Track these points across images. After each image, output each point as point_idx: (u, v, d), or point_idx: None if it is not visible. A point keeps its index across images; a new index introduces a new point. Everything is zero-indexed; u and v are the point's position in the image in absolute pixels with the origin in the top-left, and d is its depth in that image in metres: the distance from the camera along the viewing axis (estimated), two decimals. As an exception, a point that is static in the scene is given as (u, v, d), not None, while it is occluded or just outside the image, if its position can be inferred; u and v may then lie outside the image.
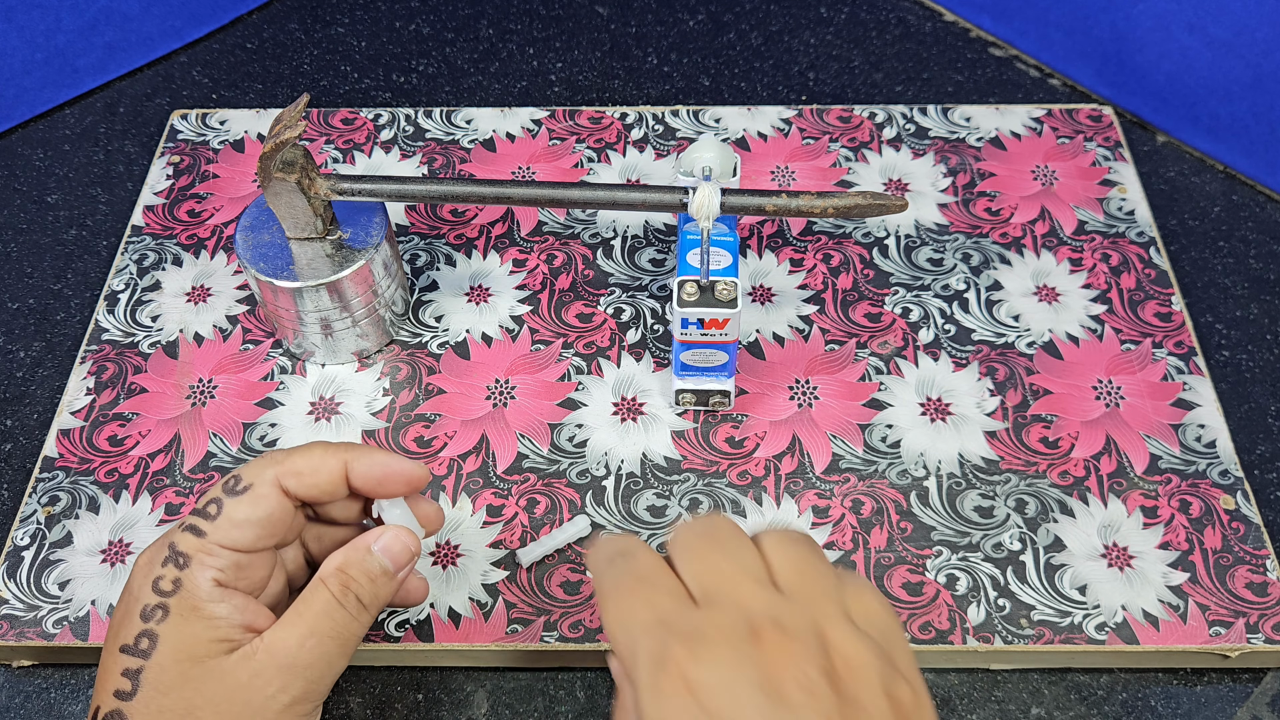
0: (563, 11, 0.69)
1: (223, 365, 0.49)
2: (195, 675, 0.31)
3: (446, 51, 0.66)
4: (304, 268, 0.45)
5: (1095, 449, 0.46)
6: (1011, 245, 0.53)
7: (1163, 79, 0.60)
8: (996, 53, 0.65)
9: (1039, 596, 0.42)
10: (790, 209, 0.44)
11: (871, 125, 0.59)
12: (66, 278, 0.55)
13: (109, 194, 0.59)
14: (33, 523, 0.44)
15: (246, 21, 0.68)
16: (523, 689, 0.42)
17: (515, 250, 0.54)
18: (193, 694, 0.31)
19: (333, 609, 0.33)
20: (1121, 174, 0.56)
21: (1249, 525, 0.44)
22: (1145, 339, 0.50)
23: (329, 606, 0.33)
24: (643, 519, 0.44)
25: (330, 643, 0.32)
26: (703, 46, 0.66)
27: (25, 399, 0.50)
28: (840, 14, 0.68)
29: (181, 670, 0.31)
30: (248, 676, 0.31)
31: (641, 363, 0.49)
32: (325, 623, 0.32)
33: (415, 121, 0.59)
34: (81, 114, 0.63)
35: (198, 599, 0.32)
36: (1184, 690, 0.42)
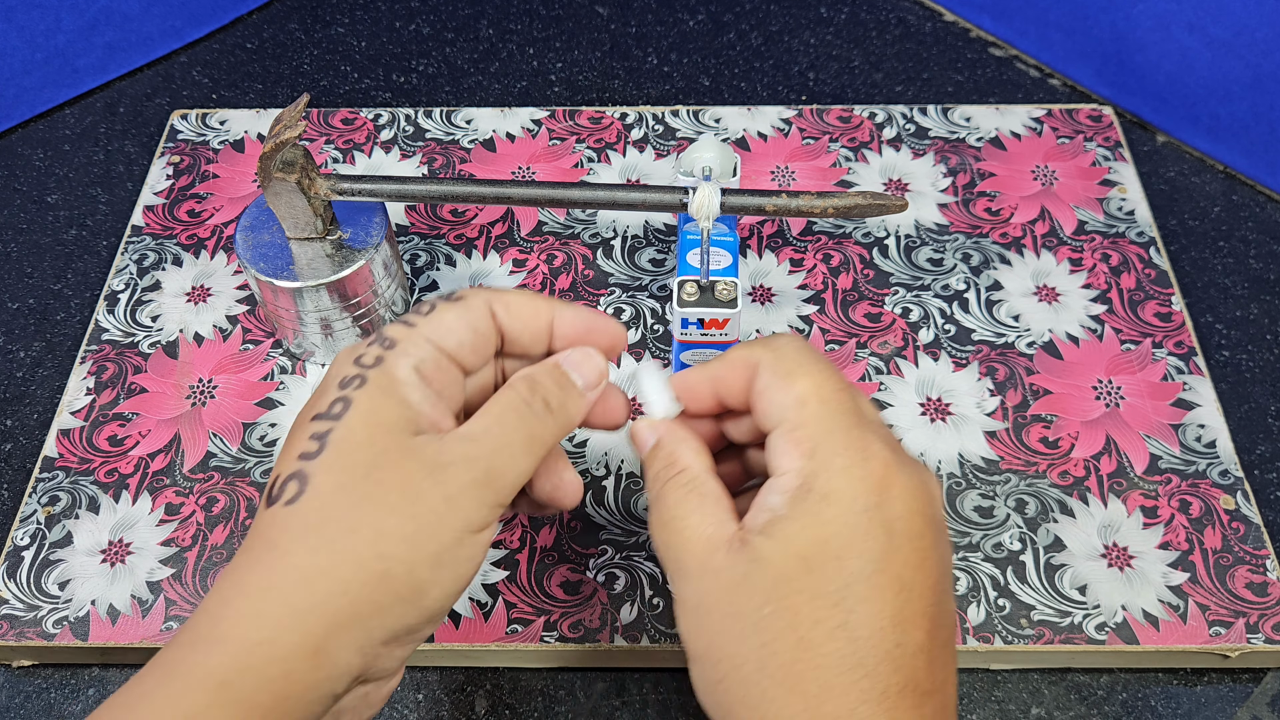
0: (563, 11, 0.69)
1: (223, 365, 0.49)
2: (381, 440, 0.29)
3: (446, 51, 0.66)
4: (304, 268, 0.45)
5: (1095, 449, 0.46)
6: (1011, 245, 0.53)
7: (1163, 79, 0.60)
8: (996, 53, 0.65)
9: (1039, 596, 0.42)
10: (790, 209, 0.44)
11: (871, 125, 0.59)
12: (66, 278, 0.55)
13: (109, 194, 0.59)
14: (33, 523, 0.45)
15: (246, 21, 0.68)
16: (523, 689, 0.42)
17: (515, 250, 0.54)
18: (376, 455, 0.29)
19: (518, 405, 0.31)
20: (1121, 174, 0.56)
21: (1249, 525, 0.44)
22: (1145, 339, 0.50)
23: (515, 402, 0.31)
24: (643, 519, 0.44)
25: (515, 434, 0.31)
26: (703, 46, 0.66)
27: (25, 399, 0.50)
28: (840, 14, 0.68)
29: (369, 434, 0.29)
30: (432, 451, 0.29)
31: (641, 363, 0.49)
32: (510, 416, 0.31)
33: (415, 121, 0.59)
34: (81, 114, 0.63)
35: (395, 379, 0.30)
36: (1184, 690, 0.42)
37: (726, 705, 0.29)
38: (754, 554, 0.28)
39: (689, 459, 0.32)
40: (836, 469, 0.28)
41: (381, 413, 0.29)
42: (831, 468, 0.29)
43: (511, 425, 0.31)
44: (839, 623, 0.27)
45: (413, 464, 0.29)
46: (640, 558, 0.43)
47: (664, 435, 0.33)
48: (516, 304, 0.33)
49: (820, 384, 0.30)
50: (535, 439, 0.31)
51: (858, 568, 0.28)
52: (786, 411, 0.30)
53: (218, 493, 0.45)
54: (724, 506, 0.31)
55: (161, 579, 0.43)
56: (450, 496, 0.29)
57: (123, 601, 0.42)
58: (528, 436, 0.31)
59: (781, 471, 0.29)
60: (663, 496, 0.31)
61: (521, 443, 0.31)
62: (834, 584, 0.28)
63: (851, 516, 0.28)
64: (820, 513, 0.28)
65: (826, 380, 0.30)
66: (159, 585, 0.43)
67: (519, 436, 0.31)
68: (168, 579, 0.43)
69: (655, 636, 0.41)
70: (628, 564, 0.43)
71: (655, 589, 0.42)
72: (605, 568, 0.43)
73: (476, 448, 0.30)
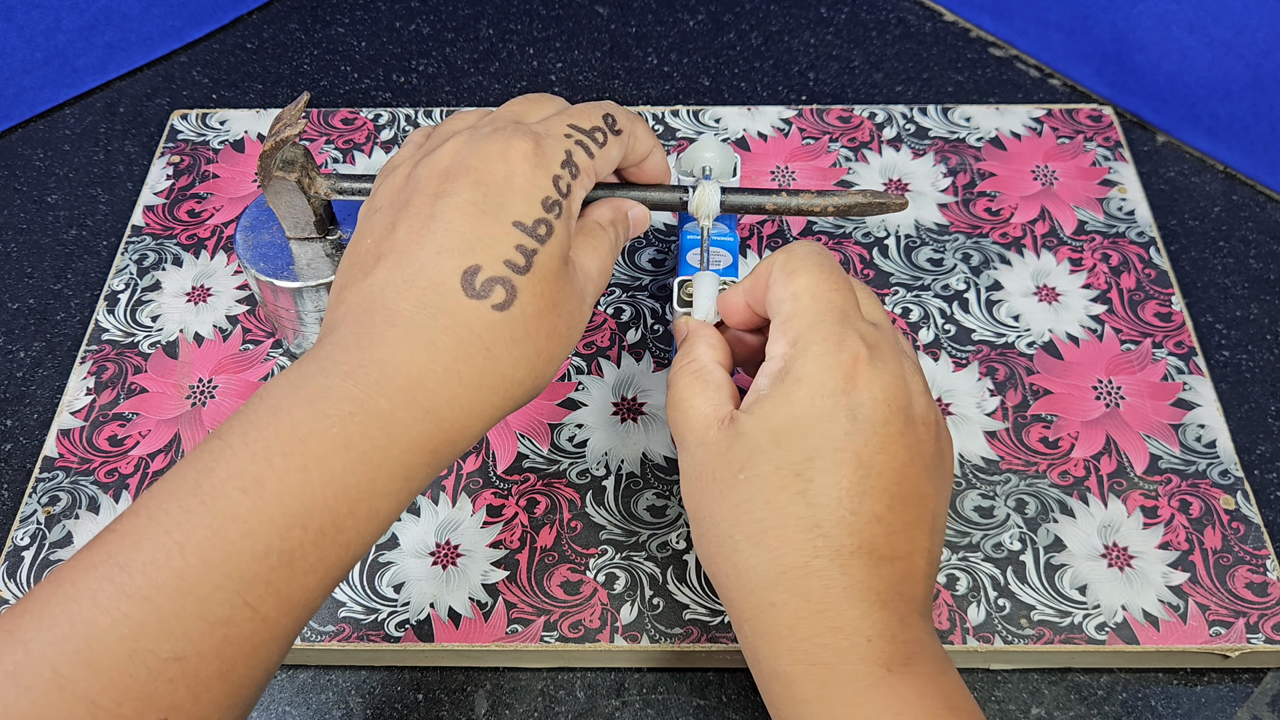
0: (563, 11, 0.69)
1: (223, 365, 0.49)
2: (564, 274, 0.34)
3: (446, 51, 0.66)
4: (304, 268, 0.45)
5: (1095, 449, 0.46)
6: (1011, 245, 0.53)
7: (1163, 79, 0.60)
8: (996, 53, 0.65)
9: (1039, 596, 0.42)
10: (790, 208, 0.44)
11: (871, 125, 0.59)
12: (66, 278, 0.55)
13: (109, 194, 0.59)
14: (33, 523, 0.44)
15: (246, 21, 0.68)
16: (523, 689, 0.42)
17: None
18: (559, 290, 0.33)
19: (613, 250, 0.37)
20: (1121, 174, 0.56)
21: (1249, 525, 0.44)
22: (1145, 339, 0.50)
23: (612, 249, 0.37)
24: (643, 519, 0.44)
25: (607, 273, 0.37)
26: (703, 46, 0.66)
27: (25, 399, 0.50)
28: (840, 14, 0.68)
29: (558, 266, 0.33)
30: (579, 287, 0.35)
31: (641, 363, 0.49)
32: (608, 259, 0.37)
33: (415, 121, 0.59)
34: (81, 114, 0.63)
35: (572, 212, 0.34)
36: (1184, 690, 0.42)
37: (709, 555, 0.33)
38: (737, 429, 0.32)
39: (701, 351, 0.36)
40: (811, 356, 0.32)
41: (565, 246, 0.34)
42: (807, 355, 0.32)
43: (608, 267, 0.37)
44: (799, 490, 0.31)
45: (576, 303, 0.34)
46: (640, 558, 0.43)
47: (691, 331, 0.38)
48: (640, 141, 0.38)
49: (816, 281, 0.33)
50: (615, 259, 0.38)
51: (819, 444, 0.31)
52: (783, 304, 0.34)
53: (218, 493, 0.45)
54: (725, 393, 0.35)
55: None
56: (581, 330, 0.35)
57: (122, 601, 0.42)
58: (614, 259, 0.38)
59: (770, 357, 0.33)
60: (674, 381, 0.36)
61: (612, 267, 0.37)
62: (798, 456, 0.31)
63: (818, 399, 0.31)
64: (792, 394, 0.32)
65: (823, 279, 0.34)
66: (159, 585, 0.43)
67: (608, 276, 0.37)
68: (168, 579, 0.43)
69: (655, 636, 0.41)
70: (628, 564, 0.43)
71: (655, 589, 0.42)
72: (605, 568, 0.43)
73: (597, 287, 0.36)
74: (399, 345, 0.30)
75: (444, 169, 0.33)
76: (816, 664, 0.30)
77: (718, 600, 0.42)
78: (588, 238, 0.36)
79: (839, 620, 0.30)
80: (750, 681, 0.42)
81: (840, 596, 0.30)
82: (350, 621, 0.42)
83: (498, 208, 0.32)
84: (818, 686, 0.30)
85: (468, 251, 0.31)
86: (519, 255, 0.32)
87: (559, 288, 0.33)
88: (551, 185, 0.33)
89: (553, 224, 0.33)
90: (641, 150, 0.38)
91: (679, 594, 0.42)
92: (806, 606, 0.30)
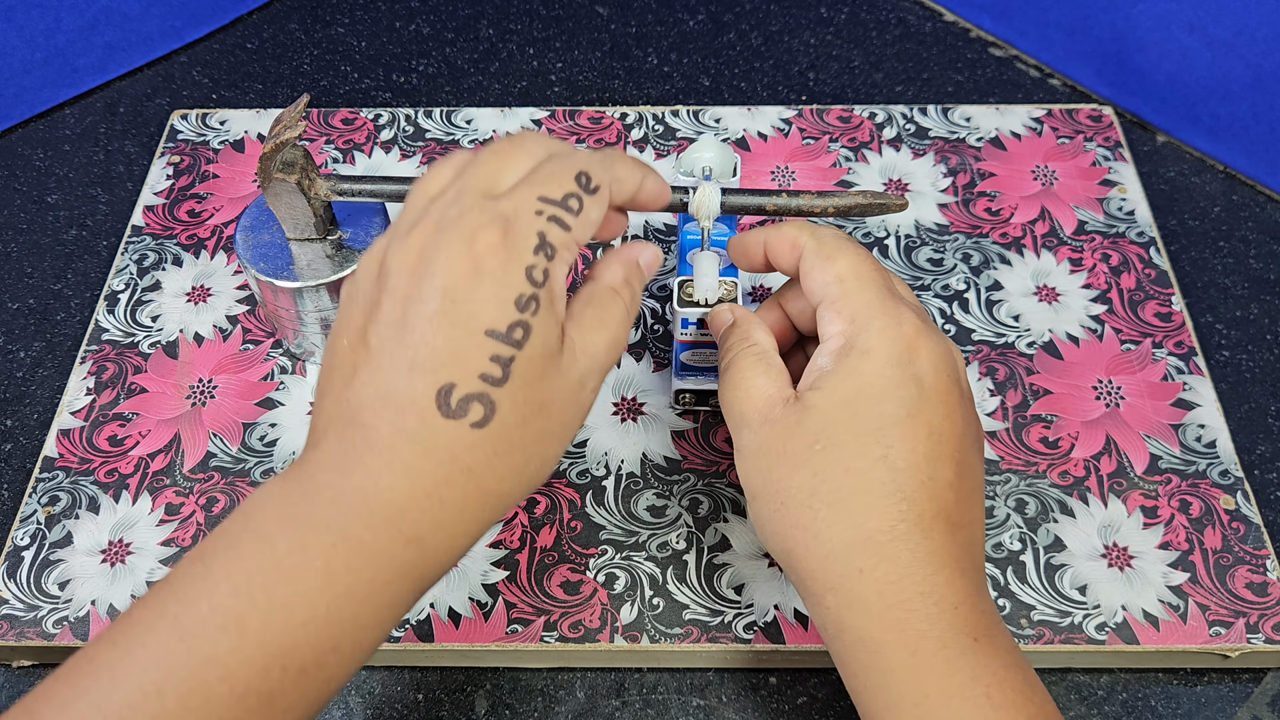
0: (563, 11, 0.69)
1: (223, 365, 0.49)
2: (550, 370, 0.31)
3: (446, 51, 0.66)
4: (304, 268, 0.45)
5: (1095, 449, 0.46)
6: (1011, 245, 0.53)
7: (1163, 79, 0.60)
8: (996, 53, 0.65)
9: (1039, 596, 0.42)
10: (790, 208, 0.44)
11: (871, 125, 0.59)
12: (66, 278, 0.55)
13: (109, 194, 0.59)
14: (33, 523, 0.45)
15: (246, 21, 0.68)
16: (523, 689, 0.42)
17: (515, 250, 0.53)
18: (547, 390, 0.31)
19: (626, 318, 0.34)
20: (1121, 174, 0.56)
21: (1249, 525, 0.44)
22: (1145, 339, 0.50)
23: (625, 316, 0.34)
24: (643, 519, 0.44)
25: (621, 346, 0.34)
26: (703, 46, 0.66)
27: (25, 399, 0.50)
28: (840, 14, 0.68)
29: (543, 364, 0.31)
30: (576, 378, 0.32)
31: (641, 363, 0.49)
32: (621, 330, 0.34)
33: (415, 121, 0.59)
34: (81, 114, 0.63)
35: (555, 294, 0.31)
36: (1184, 690, 0.42)
37: (784, 529, 0.33)
38: (805, 405, 0.33)
39: (761, 336, 0.37)
40: (874, 330, 0.33)
41: (549, 340, 0.31)
42: (870, 329, 0.33)
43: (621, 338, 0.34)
44: (880, 455, 0.32)
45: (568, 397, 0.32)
46: (640, 558, 0.43)
47: (740, 316, 0.38)
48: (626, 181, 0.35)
49: (856, 263, 0.34)
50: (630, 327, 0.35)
51: (894, 410, 0.32)
52: (828, 288, 0.34)
53: (218, 493, 0.45)
54: (786, 377, 0.35)
55: (161, 579, 0.43)
56: (584, 415, 0.33)
57: (123, 602, 0.42)
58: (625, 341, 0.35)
59: (827, 337, 0.34)
60: (737, 363, 0.36)
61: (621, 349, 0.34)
62: (875, 423, 0.32)
63: (888, 369, 0.32)
64: (860, 366, 0.33)
65: (861, 261, 0.35)
66: (159, 585, 0.43)
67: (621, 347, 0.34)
68: (168, 579, 0.43)
69: (655, 636, 0.41)
70: (628, 564, 0.43)
71: (655, 589, 0.42)
72: (605, 568, 0.43)
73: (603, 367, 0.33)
74: (379, 472, 0.29)
75: (411, 266, 0.31)
76: (907, 630, 0.30)
77: (718, 600, 0.42)
78: (595, 309, 0.33)
79: (926, 585, 0.30)
80: (750, 681, 0.42)
81: (925, 561, 0.31)
82: (350, 622, 0.42)
83: (468, 318, 0.30)
84: (909, 654, 0.30)
85: (440, 369, 0.29)
86: (494, 366, 0.30)
87: (545, 388, 0.31)
88: (524, 280, 0.30)
89: (529, 323, 0.30)
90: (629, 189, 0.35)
91: (679, 594, 0.42)
92: (895, 570, 0.31)
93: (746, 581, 0.42)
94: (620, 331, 0.34)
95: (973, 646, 0.30)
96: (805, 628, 0.41)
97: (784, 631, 0.41)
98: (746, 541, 0.43)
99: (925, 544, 0.31)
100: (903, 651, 0.30)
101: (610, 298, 0.34)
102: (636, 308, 0.35)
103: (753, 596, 0.42)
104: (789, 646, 0.41)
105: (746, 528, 0.44)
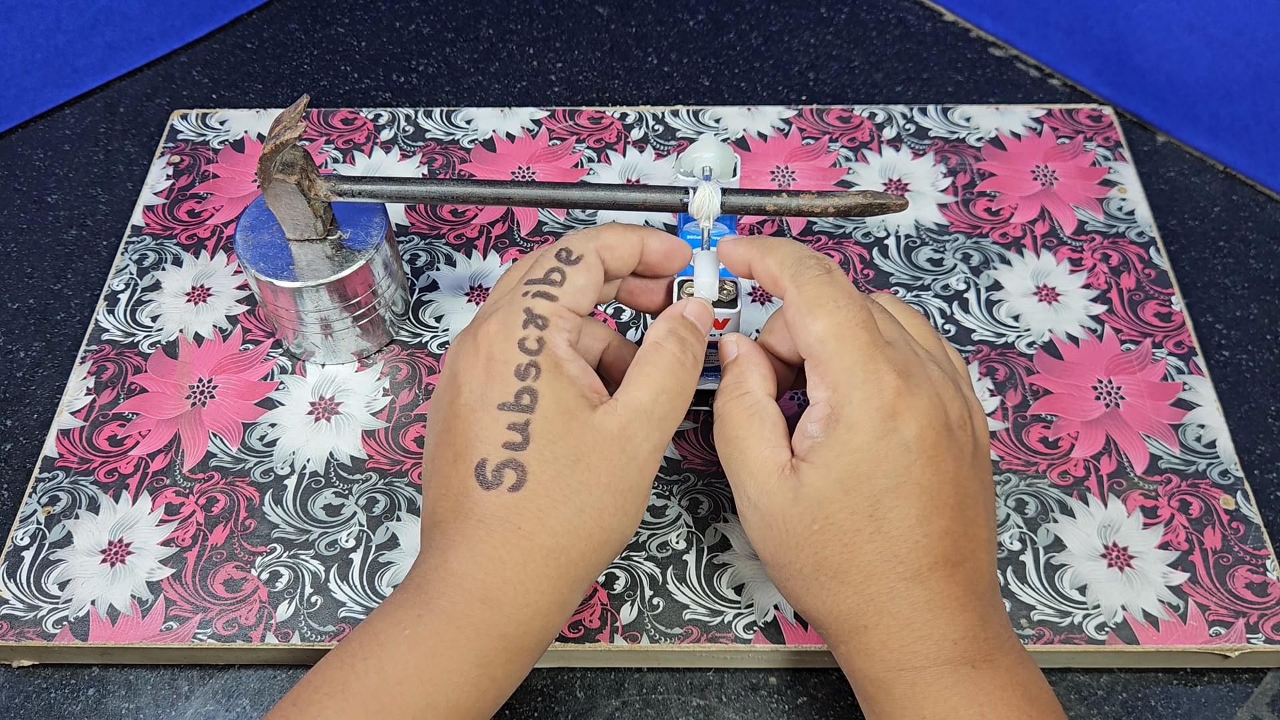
0: (563, 11, 0.69)
1: (223, 365, 0.49)
2: (574, 427, 0.34)
3: (446, 51, 0.66)
4: (304, 268, 0.45)
5: (1095, 449, 0.46)
6: (1011, 245, 0.53)
7: (1163, 79, 0.60)
8: (996, 53, 0.65)
9: (1039, 596, 0.42)
10: (790, 209, 0.44)
11: (871, 125, 0.59)
12: (66, 278, 0.55)
13: (109, 194, 0.59)
14: (33, 523, 0.45)
15: (246, 21, 0.68)
16: (523, 689, 0.42)
17: (515, 250, 0.54)
18: (576, 442, 0.33)
19: (676, 365, 0.36)
20: (1121, 174, 0.56)
21: (1249, 525, 0.44)
22: (1145, 339, 0.50)
23: (673, 364, 0.36)
24: (642, 519, 0.44)
25: (677, 397, 0.35)
26: (703, 46, 0.66)
27: (25, 399, 0.50)
28: (840, 14, 0.68)
29: (563, 422, 0.34)
30: (618, 428, 0.34)
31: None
32: (672, 379, 0.35)
33: (415, 121, 0.59)
34: (81, 114, 0.63)
35: (559, 359, 0.34)
36: (1184, 690, 0.42)
37: (795, 595, 0.35)
38: (800, 479, 0.34)
39: (754, 384, 0.37)
40: (856, 401, 0.33)
41: (564, 398, 0.34)
42: (851, 401, 0.33)
43: (674, 388, 0.35)
44: (874, 530, 0.33)
45: (608, 446, 0.34)
46: (640, 558, 0.43)
47: (741, 355, 0.38)
48: (618, 246, 0.37)
49: (838, 322, 0.34)
50: (689, 392, 0.36)
51: (884, 484, 0.33)
52: (811, 348, 0.34)
53: (218, 493, 0.45)
54: (779, 431, 0.35)
55: (161, 579, 0.43)
56: (642, 467, 0.35)
57: (123, 601, 0.42)
58: (685, 393, 0.36)
59: (814, 402, 0.34)
60: (728, 415, 0.36)
61: (682, 401, 0.36)
62: (867, 500, 0.33)
63: (873, 442, 0.33)
64: (848, 441, 0.33)
65: (844, 318, 0.34)
66: (159, 585, 0.43)
67: (680, 398, 0.36)
68: (168, 579, 0.43)
69: (655, 636, 0.41)
70: (627, 564, 0.43)
71: (655, 589, 0.42)
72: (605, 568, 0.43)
73: (650, 416, 0.35)
74: (448, 550, 0.33)
75: (449, 377, 0.36)
76: (907, 668, 0.33)
77: (718, 600, 0.42)
78: (638, 365, 0.35)
79: (925, 630, 0.33)
80: (750, 681, 0.42)
81: (924, 609, 0.33)
82: (350, 621, 0.42)
83: (483, 401, 0.34)
84: (908, 686, 0.33)
85: (472, 450, 0.34)
86: (513, 434, 0.33)
87: (574, 443, 0.33)
88: (518, 351, 0.34)
89: (534, 388, 0.34)
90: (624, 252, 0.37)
91: (679, 594, 0.42)
92: (895, 623, 0.33)
93: (746, 581, 0.42)
94: (668, 380, 0.35)
95: (970, 674, 0.32)
96: (805, 628, 0.41)
97: (784, 631, 0.41)
98: (746, 541, 0.43)
99: (924, 595, 0.33)
100: (903, 685, 0.33)
101: (653, 351, 0.36)
102: (689, 356, 0.36)
103: (753, 596, 0.42)
104: (789, 646, 0.41)
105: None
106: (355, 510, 0.45)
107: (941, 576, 0.33)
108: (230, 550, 0.44)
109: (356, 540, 0.44)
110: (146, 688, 0.42)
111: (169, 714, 0.41)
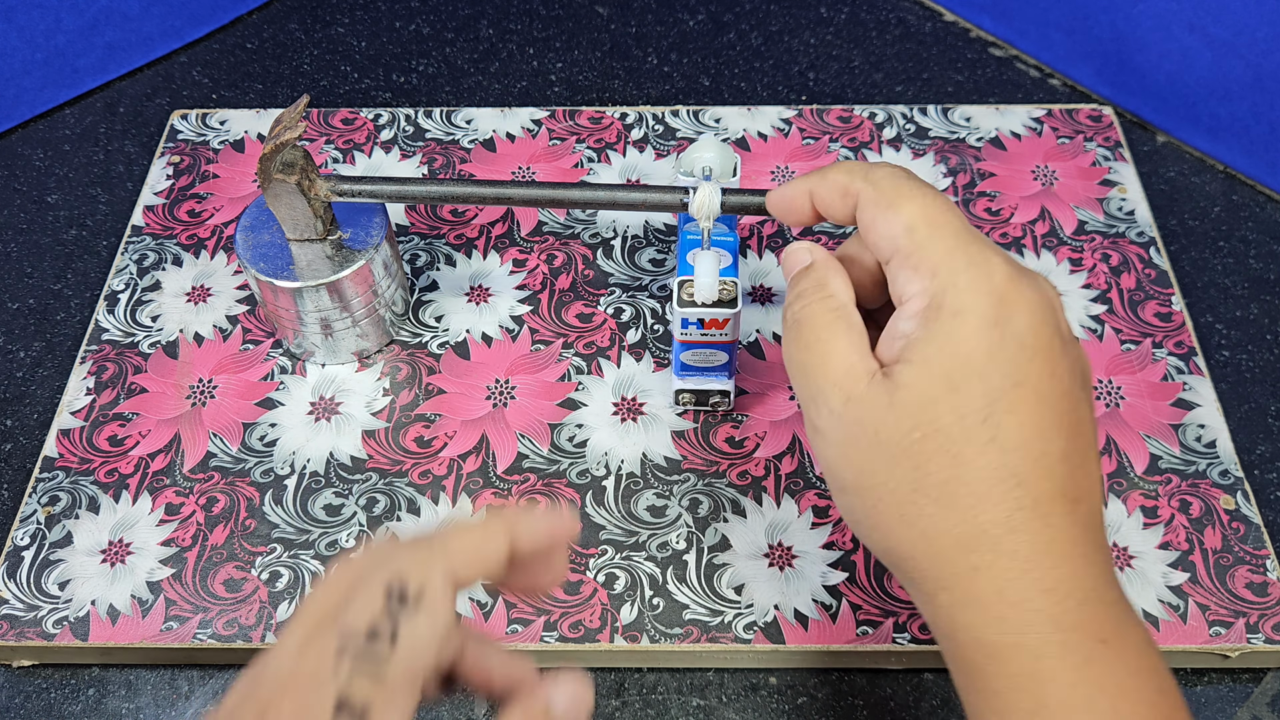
0: (563, 11, 0.69)
1: (223, 365, 0.49)
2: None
3: (446, 51, 0.66)
4: (304, 268, 0.45)
5: (1095, 449, 0.46)
6: (1012, 245, 0.53)
7: (1163, 79, 0.60)
8: (996, 53, 0.65)
9: (1039, 596, 0.42)
10: (790, 209, 0.44)
11: (871, 125, 0.59)
12: (66, 278, 0.55)
13: (109, 194, 0.59)
14: (33, 523, 0.45)
15: (246, 21, 0.68)
16: (523, 689, 0.42)
17: (515, 250, 0.54)
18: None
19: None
20: (1121, 174, 0.56)
21: (1249, 525, 0.44)
22: (1145, 339, 0.50)
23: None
24: (643, 519, 0.44)
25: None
26: (703, 46, 0.66)
27: (25, 399, 0.50)
28: (840, 14, 0.68)
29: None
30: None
31: (641, 363, 0.49)
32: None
33: (415, 121, 0.59)
34: (81, 114, 0.63)
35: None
36: (1184, 690, 0.42)
37: (884, 527, 0.30)
38: (896, 381, 0.29)
39: (839, 286, 0.32)
40: (963, 286, 0.29)
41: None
42: (958, 285, 0.29)
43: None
44: (989, 437, 0.28)
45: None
46: (640, 558, 0.43)
47: (818, 260, 0.33)
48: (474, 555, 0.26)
49: (925, 207, 0.30)
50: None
51: (999, 383, 0.28)
52: (898, 241, 0.30)
53: (218, 493, 0.45)
54: (866, 340, 0.31)
55: (161, 579, 0.43)
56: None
57: (123, 601, 0.42)
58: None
59: (908, 297, 0.30)
60: (810, 317, 0.31)
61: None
62: (980, 400, 0.28)
63: (986, 330, 0.28)
64: (955, 331, 0.28)
65: (931, 203, 0.30)
66: (159, 585, 0.43)
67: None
68: (168, 579, 0.43)
69: (655, 636, 0.41)
70: (628, 564, 0.43)
71: (655, 589, 0.42)
72: (605, 568, 0.43)
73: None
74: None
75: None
76: (1028, 633, 0.28)
77: (718, 600, 0.42)
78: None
79: (1049, 580, 0.28)
80: (749, 681, 0.42)
81: (1046, 552, 0.28)
82: (350, 622, 0.42)
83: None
84: (1031, 660, 0.27)
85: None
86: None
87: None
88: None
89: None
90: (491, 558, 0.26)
91: (679, 594, 0.42)
92: (1015, 567, 0.28)
93: (746, 581, 0.42)
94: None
95: (1100, 652, 0.27)
96: (805, 628, 0.41)
97: (784, 631, 0.41)
98: (746, 541, 0.43)
99: (1046, 532, 0.28)
100: (1024, 657, 0.28)
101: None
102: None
103: (753, 596, 0.42)
104: (789, 646, 0.41)
105: (746, 527, 0.44)
106: (355, 510, 0.45)
107: (1063, 512, 0.28)
108: (230, 550, 0.44)
109: (357, 540, 0.44)
110: (146, 688, 0.42)
111: (169, 714, 0.41)
